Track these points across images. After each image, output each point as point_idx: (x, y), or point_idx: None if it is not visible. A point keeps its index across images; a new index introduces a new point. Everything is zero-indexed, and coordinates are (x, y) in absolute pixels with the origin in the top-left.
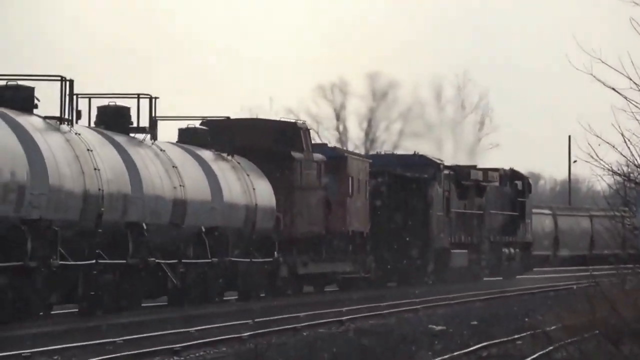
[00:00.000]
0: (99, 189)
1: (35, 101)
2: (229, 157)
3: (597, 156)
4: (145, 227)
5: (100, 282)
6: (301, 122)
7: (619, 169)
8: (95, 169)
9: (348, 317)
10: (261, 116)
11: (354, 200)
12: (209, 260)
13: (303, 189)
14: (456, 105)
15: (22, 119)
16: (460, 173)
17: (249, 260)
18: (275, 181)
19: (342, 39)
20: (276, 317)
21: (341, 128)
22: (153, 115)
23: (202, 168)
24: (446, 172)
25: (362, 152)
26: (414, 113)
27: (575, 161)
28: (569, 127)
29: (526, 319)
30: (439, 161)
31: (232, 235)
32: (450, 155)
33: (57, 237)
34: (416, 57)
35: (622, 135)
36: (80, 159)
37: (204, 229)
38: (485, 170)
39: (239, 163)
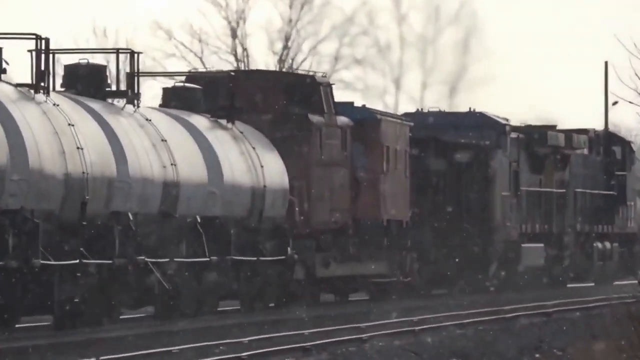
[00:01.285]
0: (83, 172)
1: (4, 64)
2: (229, 125)
3: None
4: (131, 218)
5: (82, 286)
6: (321, 74)
7: None
8: (78, 147)
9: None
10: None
11: (390, 178)
12: (207, 259)
13: (324, 165)
14: (426, 15)
15: None
16: (534, 136)
17: (255, 258)
18: (289, 155)
19: None
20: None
21: (240, 51)
22: (135, 74)
23: (196, 140)
24: (514, 135)
25: None
26: (357, 27)
27: (615, 103)
28: (598, 53)
29: None
30: (503, 121)
31: (235, 227)
32: (416, 94)
33: (38, 232)
34: None
35: None
36: (60, 135)
37: (199, 219)
38: (569, 133)
39: (241, 132)
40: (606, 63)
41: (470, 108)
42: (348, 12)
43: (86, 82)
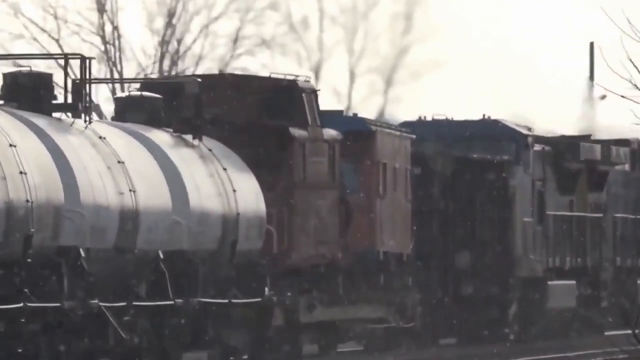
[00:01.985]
0: (27, 201)
1: None
2: (195, 142)
3: None
4: (83, 254)
5: (25, 335)
6: (304, 78)
7: None
8: (20, 172)
9: None
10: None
11: (388, 202)
12: (171, 302)
13: (308, 188)
14: None
15: None
16: (562, 149)
17: (227, 301)
18: (266, 176)
19: None
20: None
21: (108, 30)
22: (86, 84)
23: (157, 161)
24: (538, 148)
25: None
26: None
27: (603, 97)
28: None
29: None
30: (525, 130)
31: (203, 263)
32: (342, 87)
33: None
34: None
35: None
36: (0, 159)
37: (162, 255)
38: (606, 144)
39: (210, 150)
40: (591, 44)
41: (484, 115)
42: None
43: (29, 93)
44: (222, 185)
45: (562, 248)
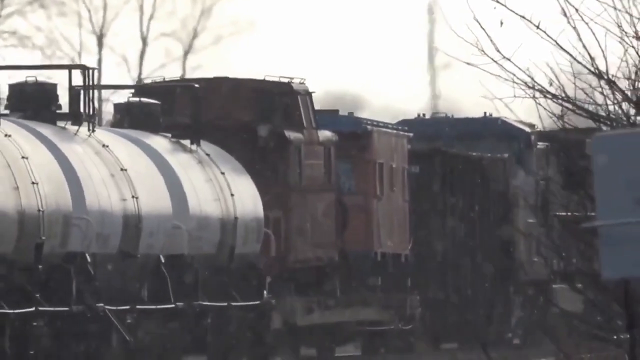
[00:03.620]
0: (38, 210)
1: None
2: (193, 146)
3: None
4: (89, 259)
5: (36, 337)
6: (299, 80)
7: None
8: (32, 182)
9: None
10: None
11: (385, 202)
12: (172, 306)
13: (305, 190)
14: None
15: None
16: (568, 146)
17: (225, 304)
18: (262, 180)
19: None
20: None
21: None
22: (90, 93)
23: (157, 167)
24: (541, 145)
25: None
26: None
27: (446, 64)
28: None
29: None
30: (528, 128)
31: (203, 267)
32: (132, 57)
33: None
34: None
35: None
36: (12, 169)
37: (163, 259)
38: None
39: (207, 155)
40: (430, 4)
41: (485, 113)
42: None
43: (35, 103)
44: (220, 189)
45: (568, 251)
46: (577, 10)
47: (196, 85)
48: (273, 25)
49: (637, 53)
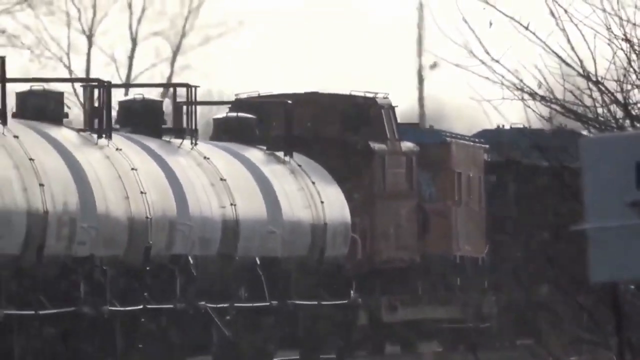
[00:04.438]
0: (146, 217)
1: (66, 109)
2: (286, 158)
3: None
4: (192, 261)
5: (143, 333)
6: (383, 95)
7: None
8: (141, 192)
9: None
10: None
11: (463, 209)
12: (267, 304)
13: (389, 197)
14: None
15: (57, 133)
16: None
17: (316, 303)
18: (350, 188)
19: None
20: None
21: None
22: (193, 109)
23: (254, 176)
24: None
25: None
26: None
27: (434, 65)
28: None
29: None
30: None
31: (295, 268)
32: (121, 57)
33: (106, 278)
34: None
35: None
36: (123, 179)
37: (258, 261)
38: None
39: (299, 165)
40: (420, 4)
41: (561, 124)
42: None
43: (142, 119)
44: (311, 197)
45: None
46: (565, 11)
47: (289, 101)
48: (261, 25)
49: (626, 55)
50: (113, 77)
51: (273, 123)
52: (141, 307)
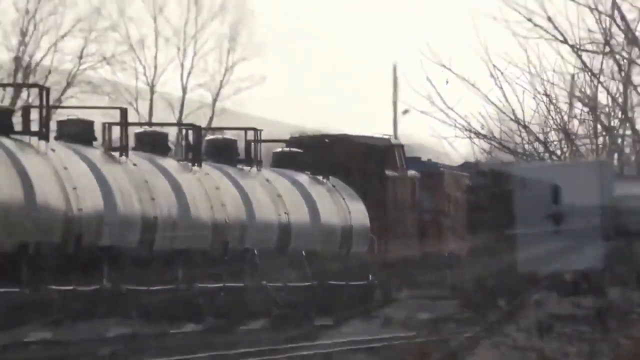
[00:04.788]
0: (225, 221)
1: (170, 145)
2: (325, 180)
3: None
4: (256, 252)
5: (221, 302)
6: (395, 139)
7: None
8: (222, 204)
9: None
10: None
11: (450, 219)
12: (309, 284)
13: (398, 209)
14: (186, 6)
15: (163, 162)
16: None
17: (344, 283)
18: (370, 202)
19: None
20: None
21: None
22: (258, 149)
23: (301, 193)
24: None
25: None
26: (106, 20)
27: (406, 111)
28: (388, 54)
29: None
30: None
31: (329, 259)
32: (174, 100)
33: (197, 265)
34: None
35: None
36: (210, 195)
37: (304, 254)
38: None
39: (334, 186)
40: (394, 66)
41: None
42: (95, 3)
43: (222, 152)
44: (341, 208)
45: None
46: (502, 73)
47: (326, 140)
48: (280, 79)
49: (546, 106)
50: (169, 117)
51: (315, 155)
52: (221, 285)
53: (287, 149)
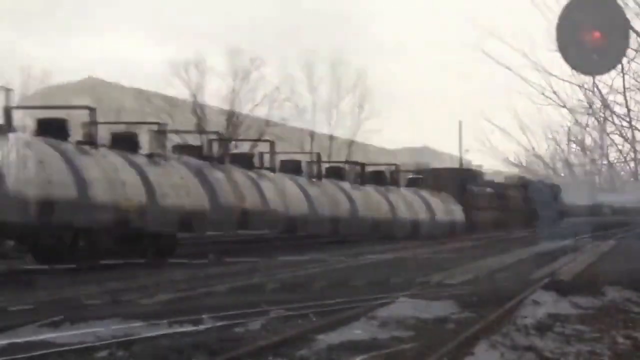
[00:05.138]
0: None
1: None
2: (437, 193)
3: (490, 144)
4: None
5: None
6: (477, 168)
7: (516, 159)
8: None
9: None
10: None
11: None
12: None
13: (475, 208)
14: (331, 86)
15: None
16: None
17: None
18: (460, 203)
19: (199, 11)
20: None
21: (199, 111)
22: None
23: (422, 201)
24: None
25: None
26: (282, 94)
27: (467, 150)
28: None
29: None
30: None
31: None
32: (325, 144)
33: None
34: (281, 33)
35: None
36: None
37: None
38: None
39: (442, 197)
40: (460, 122)
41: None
42: (276, 83)
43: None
44: (448, 210)
45: None
46: (528, 126)
47: (437, 170)
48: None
49: (554, 148)
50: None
51: (432, 179)
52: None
53: (413, 176)
